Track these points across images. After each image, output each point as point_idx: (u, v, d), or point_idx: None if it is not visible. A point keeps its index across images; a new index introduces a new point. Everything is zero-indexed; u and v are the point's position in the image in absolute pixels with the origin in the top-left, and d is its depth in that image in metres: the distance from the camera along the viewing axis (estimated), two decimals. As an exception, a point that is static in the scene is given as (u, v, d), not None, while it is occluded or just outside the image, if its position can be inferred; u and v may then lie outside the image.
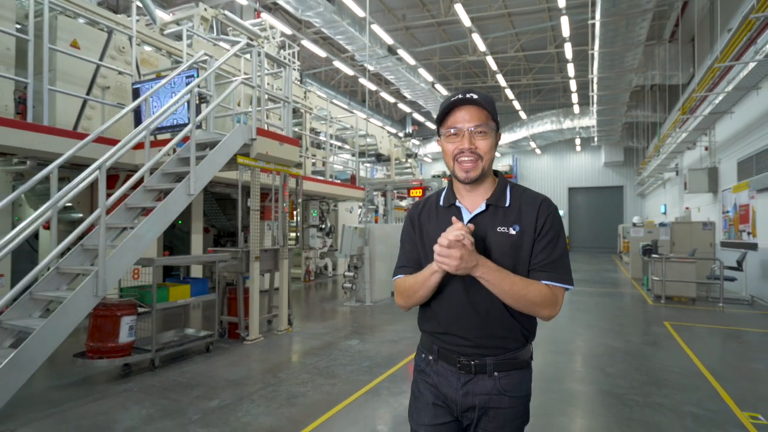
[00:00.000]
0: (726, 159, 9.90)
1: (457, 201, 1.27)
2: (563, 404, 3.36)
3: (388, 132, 17.02)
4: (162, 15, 8.86)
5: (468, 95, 1.19)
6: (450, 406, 1.25)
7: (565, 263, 1.22)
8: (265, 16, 11.25)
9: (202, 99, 5.38)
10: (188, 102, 4.56)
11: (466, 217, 1.24)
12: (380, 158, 15.40)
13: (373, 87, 18.50)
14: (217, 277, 4.90)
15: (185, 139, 4.84)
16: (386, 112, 25.54)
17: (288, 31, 12.50)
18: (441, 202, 1.32)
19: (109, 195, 3.73)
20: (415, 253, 1.33)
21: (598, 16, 9.60)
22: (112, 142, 5.32)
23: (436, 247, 1.10)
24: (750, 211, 8.32)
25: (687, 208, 13.82)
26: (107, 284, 3.50)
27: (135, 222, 4.17)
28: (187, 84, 5.15)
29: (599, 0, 9.04)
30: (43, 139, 4.91)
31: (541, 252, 1.20)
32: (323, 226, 11.59)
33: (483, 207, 1.23)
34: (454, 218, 1.15)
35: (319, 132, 11.92)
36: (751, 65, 6.15)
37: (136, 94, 5.74)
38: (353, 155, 12.75)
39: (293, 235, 9.16)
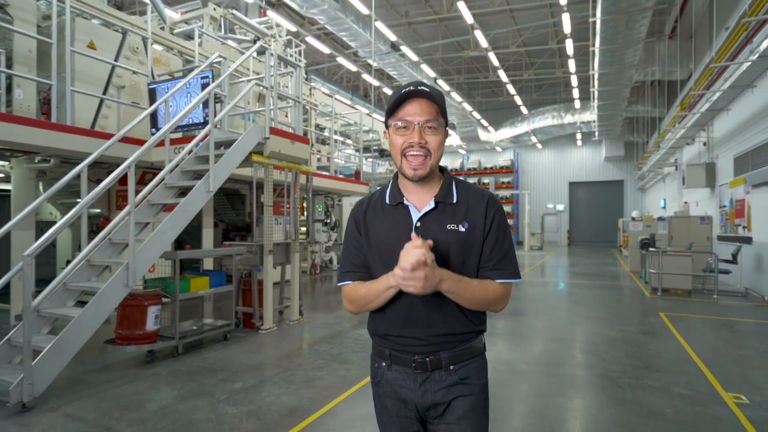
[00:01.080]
0: (723, 155, 10.10)
1: (404, 199, 1.24)
2: (561, 386, 3.62)
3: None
4: (171, 14, 9.03)
5: (420, 88, 1.16)
6: (410, 410, 1.24)
7: (512, 258, 1.24)
8: (270, 14, 11.42)
9: (217, 99, 5.59)
10: (203, 103, 4.78)
11: (415, 215, 1.22)
12: (383, 153, 15.62)
13: (376, 83, 18.63)
14: (234, 269, 5.15)
15: (202, 139, 5.08)
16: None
17: (291, 27, 12.64)
18: (387, 200, 1.27)
19: (121, 191, 3.97)
20: (361, 256, 1.29)
21: (598, 13, 9.76)
22: (129, 140, 5.56)
23: (398, 271, 1.06)
24: (745, 206, 8.54)
25: (686, 203, 14.03)
26: (136, 275, 3.76)
27: (157, 217, 4.42)
28: (201, 84, 5.38)
29: (600, -2, 9.20)
30: (66, 138, 5.13)
31: (491, 251, 1.21)
32: (328, 221, 11.84)
33: (432, 205, 1.21)
34: (413, 234, 1.13)
35: (324, 128, 12.13)
36: (746, 65, 6.35)
37: (152, 94, 5.95)
38: (357, 151, 12.96)
39: (303, 229, 9.41)
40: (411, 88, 1.16)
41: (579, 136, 23.53)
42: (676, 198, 15.48)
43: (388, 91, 21.57)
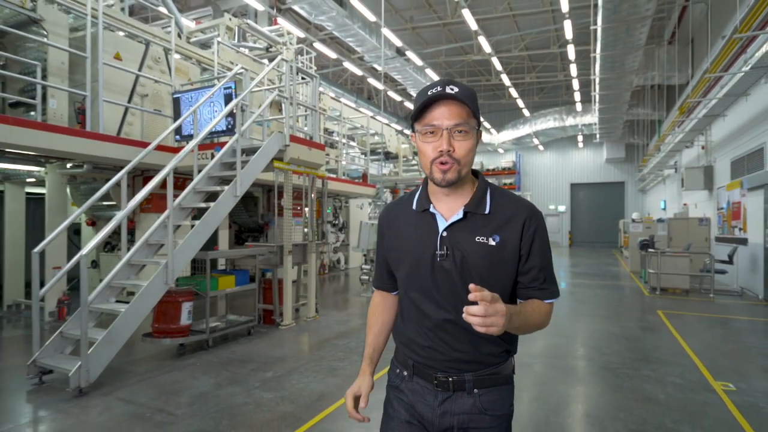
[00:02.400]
0: (721, 158, 10.41)
1: (431, 206, 1.17)
2: (564, 376, 3.94)
3: (396, 130, 17.56)
4: (187, 23, 9.38)
5: (448, 89, 1.06)
6: (426, 426, 1.18)
7: (554, 278, 1.19)
8: (280, 21, 11.76)
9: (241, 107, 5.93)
10: (225, 113, 5.11)
11: (442, 224, 1.14)
12: (388, 156, 15.95)
13: (381, 86, 18.98)
14: (257, 269, 5.48)
15: (221, 144, 5.42)
16: (392, 109, 26.01)
17: (299, 33, 12.99)
18: (414, 206, 1.21)
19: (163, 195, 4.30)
20: (383, 264, 1.30)
21: (599, 21, 10.07)
22: (147, 145, 5.91)
23: (472, 320, 0.92)
24: (741, 208, 8.86)
25: (685, 205, 14.34)
26: (174, 274, 4.09)
27: (187, 220, 4.76)
28: (224, 95, 5.72)
29: (600, 6, 9.51)
30: (100, 145, 5.48)
31: (538, 271, 1.14)
32: (336, 222, 12.18)
33: (460, 215, 1.13)
34: (471, 285, 0.92)
35: (332, 132, 12.46)
36: (738, 76, 6.67)
37: (176, 103, 6.28)
38: (364, 154, 13.29)
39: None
40: (438, 88, 1.06)
41: (580, 138, 23.83)
42: (676, 200, 15.79)
43: (393, 95, 21.92)
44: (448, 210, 1.15)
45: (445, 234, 1.13)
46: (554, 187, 26.03)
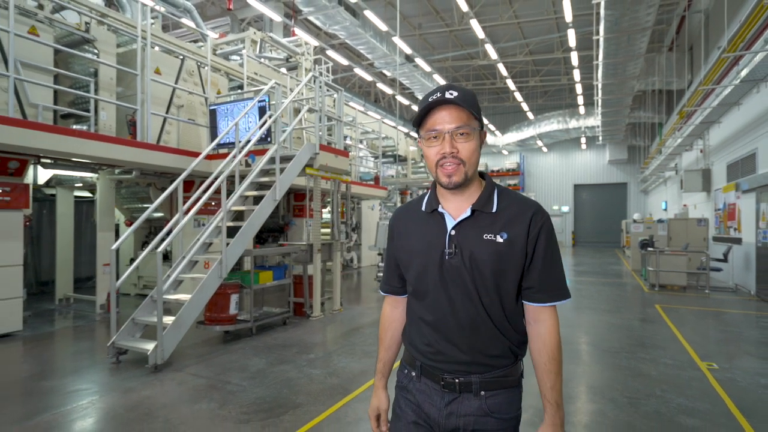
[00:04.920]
0: (718, 162, 10.93)
1: (439, 207, 1.20)
2: (569, 357, 4.50)
3: (404, 133, 18.13)
4: (210, 34, 9.98)
5: (447, 94, 1.10)
6: (432, 427, 1.19)
7: (562, 277, 1.18)
8: (297, 31, 12.34)
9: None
10: (267, 125, 5.69)
11: (450, 223, 1.17)
12: (397, 159, 16.53)
13: (389, 91, 19.57)
14: (291, 265, 6.06)
15: (254, 152, 6.01)
16: (399, 112, 26.61)
17: (313, 42, 13.57)
18: (423, 208, 1.24)
19: (187, 198, 4.88)
20: (393, 266, 1.32)
21: (602, 31, 10.60)
22: (188, 153, 6.52)
23: None
24: (736, 210, 9.37)
25: (685, 206, 14.84)
26: (227, 269, 4.67)
27: (227, 222, 5.34)
28: (258, 107, 6.30)
29: (603, 18, 10.04)
30: (147, 153, 6.06)
31: (542, 271, 1.15)
32: (343, 222, 12.76)
33: (468, 213, 1.16)
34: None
35: (346, 136, 13.04)
36: (729, 88, 7.20)
37: (212, 114, 6.87)
38: (375, 157, 13.87)
39: (326, 230, 10.33)
40: (438, 95, 1.10)
41: (583, 140, 24.33)
42: (677, 201, 16.28)
43: (401, 99, 22.49)
44: (456, 209, 1.18)
45: (453, 232, 1.16)
46: (558, 188, 26.55)
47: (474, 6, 14.31)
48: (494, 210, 1.16)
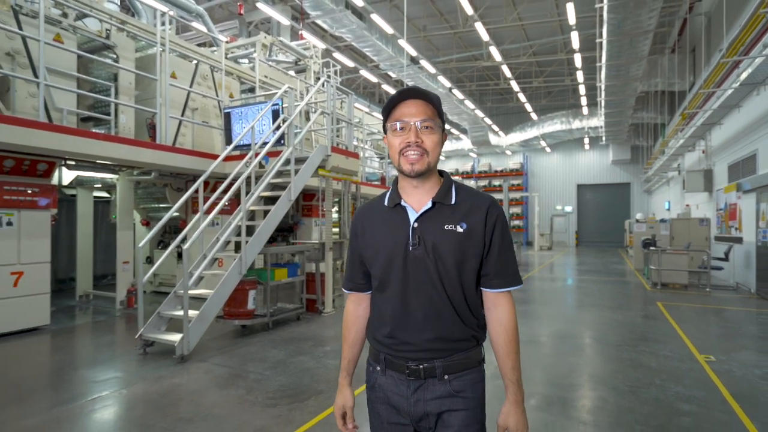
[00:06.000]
0: (719, 162, 11.09)
1: (402, 201, 1.24)
2: (574, 350, 4.71)
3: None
4: (220, 37, 10.22)
5: (414, 89, 1.19)
6: (407, 419, 1.23)
7: (515, 265, 1.25)
8: (306, 35, 12.58)
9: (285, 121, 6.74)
10: (283, 129, 5.93)
11: (413, 216, 1.21)
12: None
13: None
14: (303, 263, 6.30)
15: (270, 154, 6.24)
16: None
17: (318, 43, 13.81)
18: (386, 203, 1.28)
19: (206, 198, 5.12)
20: (356, 263, 1.35)
21: (604, 35, 10.79)
22: (204, 154, 6.76)
23: None
24: (737, 210, 9.54)
25: (687, 206, 15.00)
26: (246, 266, 4.91)
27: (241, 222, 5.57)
28: (272, 111, 6.53)
29: (606, 21, 10.23)
30: (165, 155, 6.31)
31: (497, 260, 1.21)
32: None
33: (429, 205, 1.21)
34: None
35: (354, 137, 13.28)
36: (729, 92, 7.38)
37: (227, 117, 7.11)
38: (381, 158, 14.10)
39: (335, 230, 10.57)
40: (405, 89, 1.19)
41: (587, 140, 24.48)
42: (679, 201, 16.43)
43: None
44: (417, 202, 1.23)
45: (416, 225, 1.20)
46: (561, 188, 26.70)
47: (478, 8, 14.51)
48: (453, 202, 1.22)
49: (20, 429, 2.87)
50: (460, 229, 1.18)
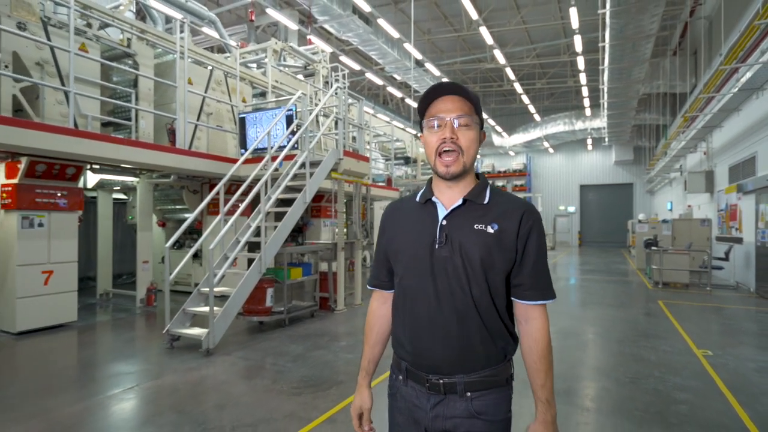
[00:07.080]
0: (720, 164, 11.29)
1: (433, 196, 1.20)
2: (579, 345, 4.94)
3: (414, 135, 18.60)
4: (231, 42, 10.49)
5: (451, 84, 1.14)
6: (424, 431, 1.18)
7: (549, 277, 1.19)
8: (314, 39, 12.84)
9: (299, 126, 7.00)
10: (299, 134, 6.18)
11: (442, 212, 1.17)
12: (408, 161, 17.01)
13: (399, 94, 20.05)
14: (318, 262, 6.55)
15: (285, 157, 6.50)
16: (405, 113, 27.07)
17: (325, 46, 14.07)
18: (418, 199, 1.25)
19: (227, 200, 5.39)
20: (382, 260, 1.31)
21: (607, 39, 11.00)
22: (219, 158, 7.03)
23: None
24: (738, 210, 9.74)
25: (689, 206, 15.18)
26: (265, 265, 5.16)
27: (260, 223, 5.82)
28: (286, 116, 6.78)
29: (608, 26, 10.44)
30: (184, 159, 6.57)
31: (533, 270, 1.15)
32: (363, 223, 13.24)
33: (459, 202, 1.16)
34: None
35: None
36: (728, 96, 7.59)
37: (242, 122, 7.37)
38: (387, 160, 14.36)
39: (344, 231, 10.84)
40: (440, 84, 1.15)
41: (589, 141, 24.65)
42: (682, 201, 16.61)
43: (411, 102, 22.95)
44: (448, 200, 1.18)
45: (444, 222, 1.16)
46: (564, 189, 26.88)
47: (483, 11, 14.74)
48: (486, 202, 1.17)
49: (69, 414, 3.13)
50: (490, 230, 1.13)
